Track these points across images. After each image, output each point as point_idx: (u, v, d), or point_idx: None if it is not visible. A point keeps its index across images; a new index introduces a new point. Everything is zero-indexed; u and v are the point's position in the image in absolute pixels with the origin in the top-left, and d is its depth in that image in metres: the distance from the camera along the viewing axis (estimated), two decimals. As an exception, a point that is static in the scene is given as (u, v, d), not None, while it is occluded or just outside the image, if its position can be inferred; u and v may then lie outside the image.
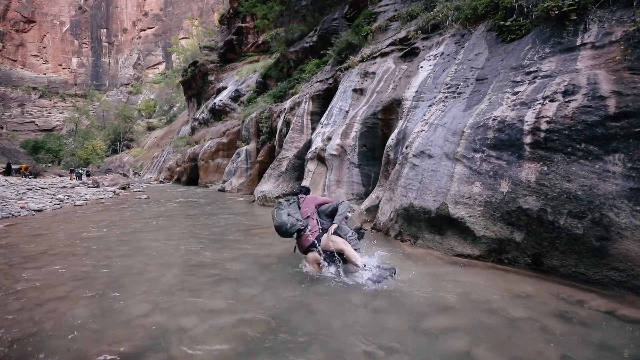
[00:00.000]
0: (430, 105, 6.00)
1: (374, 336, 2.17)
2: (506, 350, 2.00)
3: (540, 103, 3.72)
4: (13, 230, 5.67)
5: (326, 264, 3.20)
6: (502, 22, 5.80)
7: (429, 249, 4.17)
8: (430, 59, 7.45)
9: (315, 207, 3.56)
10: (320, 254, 3.20)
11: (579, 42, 4.21)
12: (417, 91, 6.86)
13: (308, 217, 3.43)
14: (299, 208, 3.54)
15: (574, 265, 3.03)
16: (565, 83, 3.69)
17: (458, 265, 3.62)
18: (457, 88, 5.71)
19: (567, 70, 3.97)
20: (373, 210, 6.32)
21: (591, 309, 2.51)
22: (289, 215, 3.36)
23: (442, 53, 7.21)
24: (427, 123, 5.44)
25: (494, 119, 4.09)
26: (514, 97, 4.22)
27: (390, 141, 6.52)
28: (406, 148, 5.42)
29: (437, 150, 4.68)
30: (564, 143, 3.32)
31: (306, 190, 3.87)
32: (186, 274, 3.39)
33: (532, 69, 4.45)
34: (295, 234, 3.33)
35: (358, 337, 2.15)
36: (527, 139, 3.59)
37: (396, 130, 6.57)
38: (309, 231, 3.28)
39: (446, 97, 5.78)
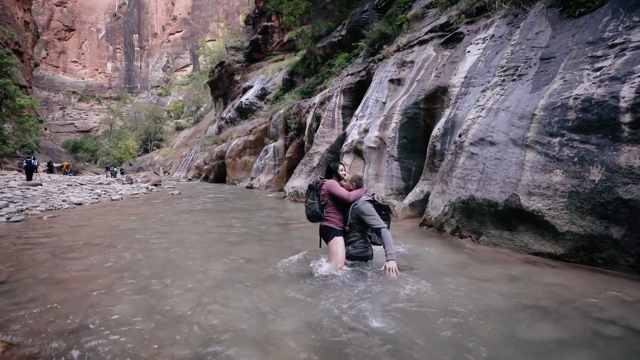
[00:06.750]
0: (484, 91, 5.45)
1: (463, 347, 1.77)
2: (656, 374, 1.54)
3: (639, 76, 3.15)
4: (56, 222, 5.71)
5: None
6: (568, -5, 5.17)
7: (495, 246, 3.68)
8: (478, 43, 6.86)
9: (330, 195, 3.12)
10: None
11: (679, 6, 3.57)
12: (465, 77, 6.31)
13: (325, 204, 3.10)
14: (317, 195, 3.18)
15: (700, 268, 2.47)
16: (671, 51, 3.10)
17: (537, 265, 3.12)
18: (517, 70, 5.13)
19: (669, 37, 3.35)
20: (418, 205, 5.85)
21: None
22: (312, 202, 3.18)
23: (493, 35, 6.60)
24: (483, 109, 4.91)
25: (575, 98, 3.54)
26: (598, 73, 3.64)
27: (437, 131, 6.02)
28: (459, 136, 4.92)
29: (501, 136, 4.17)
30: (678, 120, 2.75)
31: (328, 174, 3.32)
32: (232, 270, 3.12)
33: (617, 41, 3.83)
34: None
35: (444, 347, 1.76)
36: (626, 118, 3.03)
37: (443, 119, 6.06)
38: (327, 222, 3.09)
39: (503, 80, 5.22)
